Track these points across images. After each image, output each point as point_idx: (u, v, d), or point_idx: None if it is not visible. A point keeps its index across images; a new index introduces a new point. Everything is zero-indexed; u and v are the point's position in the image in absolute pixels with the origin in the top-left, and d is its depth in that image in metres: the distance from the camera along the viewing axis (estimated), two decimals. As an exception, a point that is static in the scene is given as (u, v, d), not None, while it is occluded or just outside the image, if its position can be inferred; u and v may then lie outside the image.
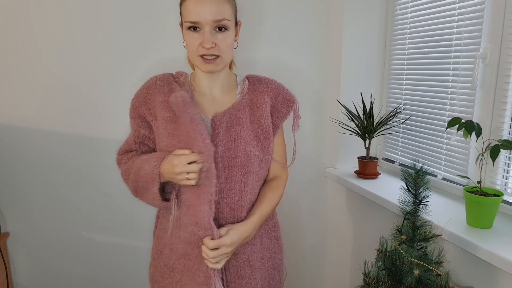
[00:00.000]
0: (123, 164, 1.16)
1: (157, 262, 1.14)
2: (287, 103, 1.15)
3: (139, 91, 1.12)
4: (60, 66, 1.51)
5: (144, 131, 1.13)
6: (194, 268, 1.06)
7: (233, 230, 1.02)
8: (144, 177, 1.04)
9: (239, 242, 1.04)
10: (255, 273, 1.13)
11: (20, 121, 1.51)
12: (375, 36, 1.77)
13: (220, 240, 0.99)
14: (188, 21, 1.00)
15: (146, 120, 1.11)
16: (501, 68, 1.23)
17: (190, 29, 1.01)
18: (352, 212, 1.78)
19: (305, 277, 2.02)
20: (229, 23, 1.02)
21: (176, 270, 1.09)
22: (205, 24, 0.99)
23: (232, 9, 1.04)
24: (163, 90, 1.08)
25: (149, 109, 1.09)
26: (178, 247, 1.08)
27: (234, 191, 1.06)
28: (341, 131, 1.79)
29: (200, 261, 1.04)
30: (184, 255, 1.07)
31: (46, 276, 1.65)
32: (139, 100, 1.10)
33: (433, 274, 1.06)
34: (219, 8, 0.99)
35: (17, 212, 1.57)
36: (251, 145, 1.09)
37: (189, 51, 1.05)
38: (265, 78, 1.17)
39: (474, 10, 1.31)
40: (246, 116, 1.10)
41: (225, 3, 1.01)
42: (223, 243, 0.99)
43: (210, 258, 0.99)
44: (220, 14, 0.99)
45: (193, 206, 1.03)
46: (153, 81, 1.10)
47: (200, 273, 1.05)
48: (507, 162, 1.26)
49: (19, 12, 1.44)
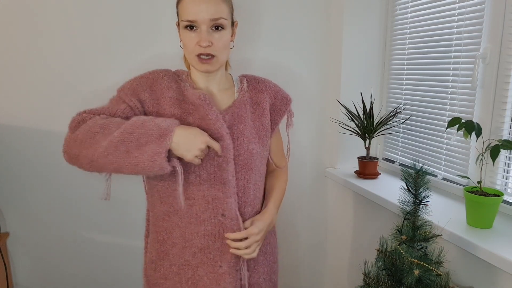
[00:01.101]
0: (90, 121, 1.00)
1: (159, 264, 1.13)
2: (284, 101, 1.21)
3: (141, 78, 1.08)
4: (60, 66, 1.51)
5: (135, 108, 1.05)
6: (214, 260, 1.08)
7: (257, 221, 1.10)
8: (151, 129, 0.94)
9: (265, 230, 1.11)
10: (258, 267, 1.16)
11: (20, 121, 1.51)
12: (375, 36, 1.77)
13: (248, 230, 1.06)
14: (185, 20, 1.01)
15: (143, 106, 1.06)
16: (501, 68, 1.23)
17: (187, 28, 1.02)
18: (352, 212, 1.78)
19: (305, 277, 2.02)
20: (226, 22, 1.03)
21: (189, 266, 1.09)
22: (202, 23, 1.00)
23: (228, 8, 1.05)
24: (171, 86, 1.08)
25: (152, 99, 1.06)
26: (195, 242, 1.08)
27: (238, 187, 1.09)
28: (341, 131, 1.79)
29: (223, 253, 1.08)
30: (203, 249, 1.08)
31: (46, 276, 1.65)
32: (143, 85, 1.06)
33: (433, 274, 1.06)
34: (216, 7, 1.00)
35: (17, 212, 1.57)
36: (253, 143, 1.11)
37: (185, 51, 1.05)
38: (261, 78, 1.21)
39: (474, 10, 1.31)
40: (247, 114, 1.12)
41: (221, 2, 1.02)
42: (251, 232, 1.06)
43: (244, 248, 1.05)
44: (217, 13, 1.00)
45: (217, 199, 1.06)
46: (160, 75, 1.09)
47: (222, 263, 1.07)
48: (507, 162, 1.26)
49: (19, 12, 1.44)
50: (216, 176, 1.05)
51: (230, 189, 1.06)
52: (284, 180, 1.27)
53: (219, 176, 1.05)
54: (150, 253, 1.15)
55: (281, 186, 1.24)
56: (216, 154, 1.03)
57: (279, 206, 1.21)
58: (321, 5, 1.76)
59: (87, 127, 0.98)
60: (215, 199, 1.06)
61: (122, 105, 1.05)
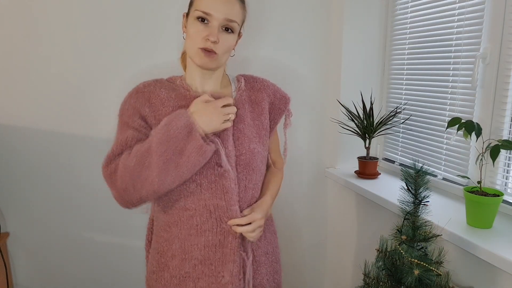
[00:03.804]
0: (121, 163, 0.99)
1: (160, 275, 1.11)
2: (283, 100, 1.20)
3: (137, 93, 1.06)
4: (61, 66, 1.51)
5: (144, 129, 1.04)
6: (216, 271, 1.06)
7: (257, 207, 1.10)
8: (176, 136, 0.94)
9: (265, 216, 1.12)
10: (260, 268, 1.15)
11: (20, 121, 1.51)
12: (375, 36, 1.77)
13: (252, 216, 1.06)
14: (200, 9, 0.98)
15: (146, 122, 1.05)
16: (501, 68, 1.23)
17: (198, 19, 0.99)
18: (352, 212, 1.78)
19: (305, 277, 2.02)
20: (236, 27, 1.03)
21: (190, 278, 1.07)
22: (215, 19, 0.98)
23: (242, 17, 1.05)
24: (170, 96, 1.05)
25: (152, 111, 1.04)
26: (195, 254, 1.06)
27: (239, 188, 1.07)
28: (341, 131, 1.79)
29: (224, 263, 1.06)
30: (203, 261, 1.06)
31: (46, 276, 1.65)
32: (141, 101, 1.05)
33: (433, 274, 1.06)
34: (234, 9, 1.00)
35: (17, 212, 1.57)
36: (254, 142, 1.10)
37: (189, 42, 1.02)
38: (259, 77, 1.20)
39: (474, 10, 1.31)
40: (246, 113, 1.11)
41: (239, 8, 1.02)
42: (255, 218, 1.06)
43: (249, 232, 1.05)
44: (233, 14, 1.00)
45: (220, 208, 1.05)
46: (156, 87, 1.06)
47: (225, 273, 1.06)
48: (507, 162, 1.26)
49: (19, 12, 1.44)
50: (218, 185, 1.03)
51: (233, 197, 1.04)
52: (280, 177, 1.27)
53: (220, 185, 1.03)
54: (151, 264, 1.14)
55: (277, 182, 1.24)
56: (217, 163, 1.01)
57: (274, 199, 1.21)
58: (321, 5, 1.76)
59: (126, 174, 0.97)
60: (217, 209, 1.04)
61: (128, 131, 1.03)
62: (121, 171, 0.98)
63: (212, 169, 1.02)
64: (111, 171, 1.01)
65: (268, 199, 1.16)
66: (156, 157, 0.94)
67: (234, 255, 1.06)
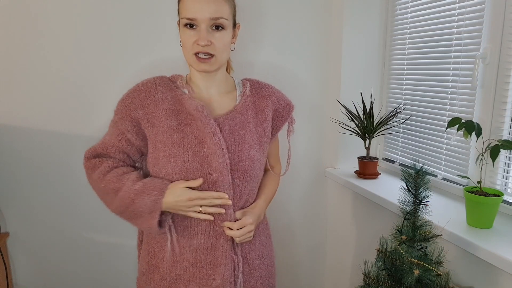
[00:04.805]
0: (97, 172, 1.08)
1: (150, 277, 1.10)
2: (287, 107, 1.20)
3: (134, 92, 1.07)
4: (61, 66, 1.51)
5: (131, 136, 1.07)
6: (207, 274, 1.06)
7: (249, 212, 1.10)
8: (140, 207, 1.02)
9: (257, 221, 1.12)
10: (254, 272, 1.14)
11: (20, 121, 1.51)
12: (375, 36, 1.77)
13: (243, 221, 1.06)
14: (184, 17, 1.00)
15: (138, 125, 1.06)
16: (501, 68, 1.23)
17: (186, 26, 1.00)
18: (352, 212, 1.78)
19: (305, 277, 2.02)
20: (226, 22, 1.01)
21: (180, 281, 1.07)
22: (202, 22, 0.98)
23: (230, 9, 1.03)
24: (166, 97, 1.05)
25: (146, 113, 1.04)
26: (187, 257, 1.06)
27: (234, 193, 1.07)
28: (341, 131, 1.79)
29: (215, 266, 1.06)
30: (194, 263, 1.06)
31: (46, 276, 1.65)
32: (135, 102, 1.05)
33: (433, 274, 1.06)
34: (217, 6, 0.99)
35: (17, 212, 1.57)
36: (255, 149, 1.09)
37: (184, 49, 1.04)
38: (265, 83, 1.19)
39: (474, 10, 1.31)
40: (249, 120, 1.10)
41: (223, 2, 1.01)
42: (246, 222, 1.06)
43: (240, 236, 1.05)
44: (217, 12, 0.99)
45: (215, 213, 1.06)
46: (153, 86, 1.06)
47: (216, 276, 1.05)
48: (507, 162, 1.26)
49: (19, 12, 1.44)
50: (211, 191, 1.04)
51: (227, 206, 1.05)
52: (276, 182, 1.27)
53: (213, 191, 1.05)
54: (141, 265, 1.14)
55: (273, 187, 1.24)
56: (209, 172, 1.02)
57: (268, 203, 1.21)
58: (321, 5, 1.76)
59: (95, 187, 1.11)
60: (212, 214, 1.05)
61: (119, 137, 1.09)
62: (93, 180, 1.10)
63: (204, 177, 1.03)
64: (89, 166, 1.12)
65: (262, 203, 1.16)
66: (116, 204, 1.06)
67: (225, 258, 1.06)
